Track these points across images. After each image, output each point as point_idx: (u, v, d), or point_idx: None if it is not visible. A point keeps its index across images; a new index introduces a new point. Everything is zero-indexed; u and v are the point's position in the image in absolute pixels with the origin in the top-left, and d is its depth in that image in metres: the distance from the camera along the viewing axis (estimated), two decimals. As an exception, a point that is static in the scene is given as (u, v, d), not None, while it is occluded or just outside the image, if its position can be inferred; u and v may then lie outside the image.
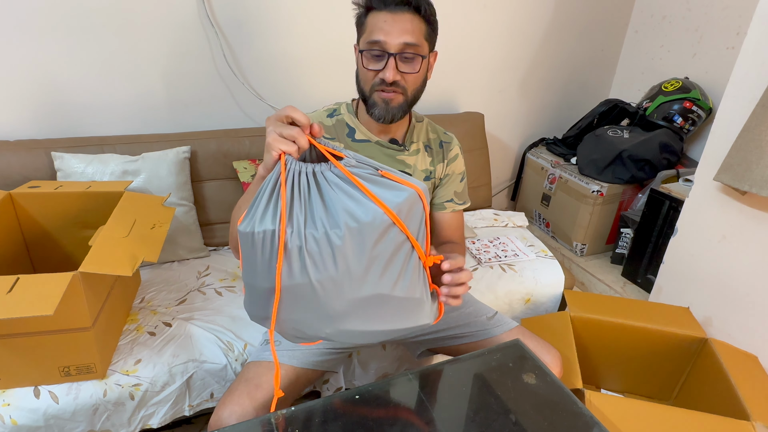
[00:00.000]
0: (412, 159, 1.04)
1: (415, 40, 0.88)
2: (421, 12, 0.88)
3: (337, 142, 1.00)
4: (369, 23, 0.89)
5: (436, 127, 1.12)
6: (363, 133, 1.01)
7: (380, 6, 0.87)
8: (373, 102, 0.93)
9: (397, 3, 0.86)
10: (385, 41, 0.87)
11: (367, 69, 0.90)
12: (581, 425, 0.73)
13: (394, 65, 0.88)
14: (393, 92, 0.91)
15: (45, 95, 1.43)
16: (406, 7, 0.87)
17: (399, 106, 0.93)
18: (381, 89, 0.91)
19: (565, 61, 2.23)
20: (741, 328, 1.34)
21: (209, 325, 1.20)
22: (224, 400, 0.87)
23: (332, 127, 1.01)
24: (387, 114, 0.94)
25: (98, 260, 0.91)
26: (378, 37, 0.87)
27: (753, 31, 1.23)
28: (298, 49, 1.68)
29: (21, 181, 1.31)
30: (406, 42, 0.87)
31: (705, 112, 1.91)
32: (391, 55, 0.88)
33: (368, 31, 0.89)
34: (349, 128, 1.01)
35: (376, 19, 0.88)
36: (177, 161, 1.45)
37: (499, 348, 0.88)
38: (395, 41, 0.87)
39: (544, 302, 1.56)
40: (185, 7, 1.48)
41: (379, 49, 0.88)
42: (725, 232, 1.36)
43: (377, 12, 0.88)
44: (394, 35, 0.86)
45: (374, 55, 0.89)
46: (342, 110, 1.04)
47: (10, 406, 0.96)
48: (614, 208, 1.95)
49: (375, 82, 0.91)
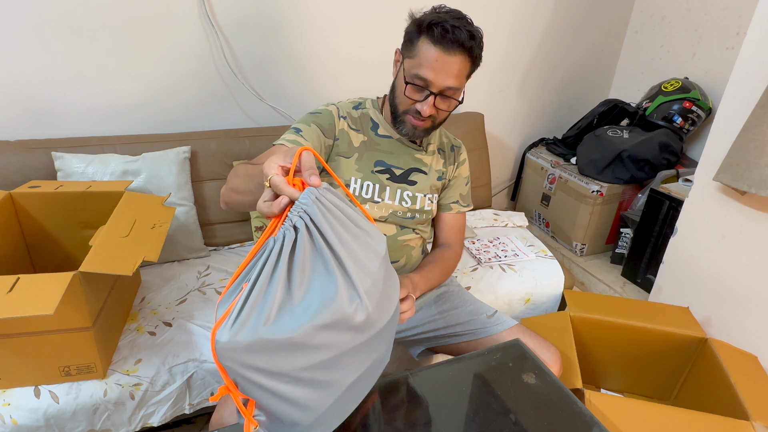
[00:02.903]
0: (429, 159, 1.09)
1: (459, 84, 0.91)
2: (472, 55, 0.91)
3: (361, 134, 1.04)
4: (421, 51, 0.90)
5: (448, 134, 1.17)
6: (386, 129, 1.06)
7: (435, 40, 0.88)
8: (402, 121, 0.99)
9: (453, 43, 0.87)
10: (432, 81, 0.90)
11: (408, 97, 0.94)
12: (581, 425, 0.73)
13: (432, 103, 0.92)
14: (424, 121, 0.96)
15: (45, 95, 1.43)
16: (460, 49, 0.88)
17: (425, 130, 1.00)
18: (414, 116, 0.96)
19: (565, 61, 2.23)
20: (741, 328, 1.34)
21: (209, 325, 1.20)
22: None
23: (358, 119, 1.05)
24: (413, 135, 1.01)
25: (98, 260, 0.91)
26: (426, 74, 0.89)
27: (753, 31, 1.23)
28: (299, 49, 1.68)
29: (21, 181, 1.31)
30: (450, 86, 0.91)
31: (705, 112, 1.91)
32: (433, 93, 0.91)
33: (417, 60, 0.90)
34: (373, 122, 1.06)
35: (428, 53, 0.88)
36: (177, 161, 1.45)
37: (498, 348, 0.88)
38: (441, 83, 0.90)
39: (544, 302, 1.56)
40: (185, 7, 1.48)
41: (423, 85, 0.91)
42: (725, 232, 1.36)
43: (431, 44, 0.88)
44: (441, 77, 0.89)
45: (417, 87, 0.92)
46: (367, 105, 1.08)
47: (11, 405, 0.96)
48: (614, 208, 1.95)
49: (410, 109, 0.96)
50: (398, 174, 1.05)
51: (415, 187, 1.06)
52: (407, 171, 1.06)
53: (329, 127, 1.00)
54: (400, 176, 1.05)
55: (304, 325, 0.45)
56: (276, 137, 1.05)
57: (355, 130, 1.03)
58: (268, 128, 1.68)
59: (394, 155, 1.05)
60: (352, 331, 0.49)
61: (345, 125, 1.02)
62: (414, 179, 1.06)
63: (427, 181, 1.08)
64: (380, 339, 0.56)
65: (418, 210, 1.07)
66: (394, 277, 0.61)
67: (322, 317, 0.46)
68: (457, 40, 0.87)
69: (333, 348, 0.48)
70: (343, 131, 1.02)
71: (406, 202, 1.05)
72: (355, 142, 1.02)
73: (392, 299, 0.58)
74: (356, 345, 0.51)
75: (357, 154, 1.02)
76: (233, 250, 1.61)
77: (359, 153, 1.02)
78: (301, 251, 0.47)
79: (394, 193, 1.04)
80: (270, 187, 0.50)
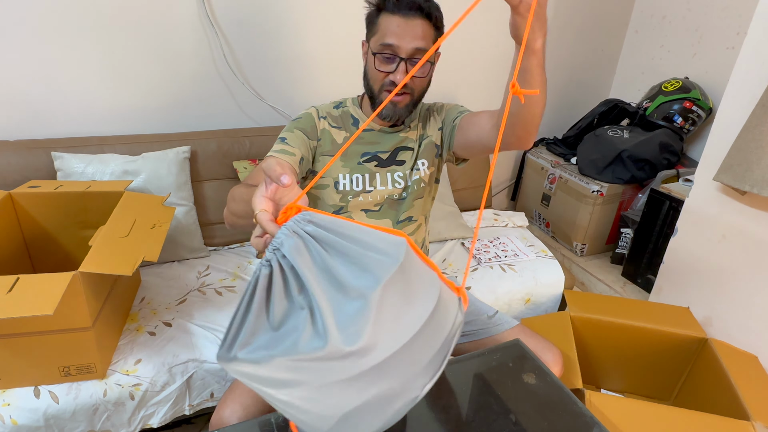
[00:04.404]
0: (413, 134, 1.07)
1: (425, 45, 0.90)
2: (431, 19, 0.91)
3: (342, 130, 1.03)
4: (381, 24, 0.91)
5: (430, 104, 1.11)
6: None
7: (393, 9, 0.89)
8: (380, 101, 0.96)
9: (410, 8, 0.88)
10: (397, 45, 0.89)
11: (378, 70, 0.93)
12: (581, 425, 0.73)
13: (404, 69, 0.91)
14: (401, 94, 0.95)
15: (45, 95, 1.43)
16: (418, 13, 0.89)
17: (406, 107, 0.98)
18: (389, 90, 0.94)
19: (566, 61, 2.23)
20: (741, 328, 1.34)
21: (209, 325, 1.20)
22: (225, 399, 0.87)
23: (339, 117, 1.05)
24: (394, 115, 0.98)
25: (98, 260, 0.91)
26: (391, 40, 0.89)
27: (753, 31, 1.23)
28: (298, 49, 1.68)
29: (21, 181, 1.31)
30: (418, 47, 0.90)
31: (705, 112, 1.91)
32: (403, 59, 0.90)
33: (380, 33, 0.91)
34: (353, 119, 1.05)
35: (389, 22, 0.90)
36: (177, 161, 1.45)
37: (499, 348, 0.88)
38: (407, 46, 0.89)
39: (544, 302, 1.56)
40: (185, 7, 1.48)
41: (391, 52, 0.91)
42: (725, 232, 1.36)
43: (390, 15, 0.90)
44: (406, 40, 0.89)
45: (386, 57, 0.91)
46: (348, 103, 1.07)
47: (11, 406, 0.96)
48: (614, 208, 1.95)
49: (385, 83, 0.94)
50: (385, 158, 1.04)
51: (404, 167, 1.05)
52: (393, 152, 1.05)
53: (311, 129, 1.01)
54: (388, 159, 1.04)
55: (274, 356, 0.45)
56: (276, 137, 1.05)
57: (336, 127, 1.03)
58: (268, 128, 1.68)
59: (379, 143, 1.04)
60: (326, 362, 0.46)
61: (326, 124, 1.03)
62: (402, 158, 1.05)
63: (413, 154, 1.06)
64: (389, 367, 0.49)
65: (409, 185, 1.05)
66: (422, 285, 0.52)
67: (288, 351, 0.45)
68: (414, 4, 0.88)
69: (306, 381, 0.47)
70: (324, 130, 1.02)
71: (398, 184, 1.04)
72: (338, 139, 1.03)
73: (414, 314, 0.50)
74: (343, 375, 0.47)
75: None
76: (233, 250, 1.61)
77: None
78: (276, 285, 0.48)
79: (385, 178, 1.04)
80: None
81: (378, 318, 0.46)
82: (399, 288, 0.48)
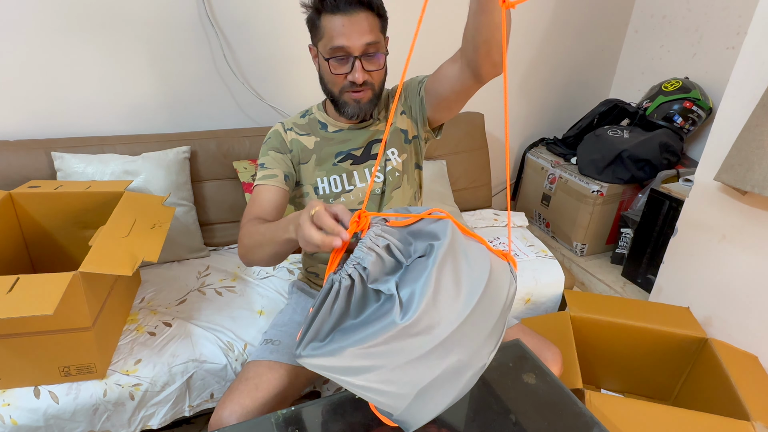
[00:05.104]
0: (382, 125, 1.06)
1: (375, 37, 0.89)
2: (373, 9, 0.89)
3: (312, 136, 1.04)
4: (325, 27, 0.89)
5: (389, 90, 1.10)
6: (335, 124, 1.04)
7: (333, 9, 0.87)
8: (344, 102, 0.96)
9: (350, 3, 0.86)
10: (348, 46, 0.88)
11: (335, 74, 0.92)
12: (581, 425, 0.73)
13: (360, 67, 0.90)
14: (363, 91, 0.94)
15: (45, 95, 1.43)
16: (359, 7, 0.87)
17: (369, 101, 0.97)
18: (351, 90, 0.94)
19: (565, 61, 2.23)
20: (741, 328, 1.34)
21: (209, 325, 1.20)
22: (224, 400, 0.87)
23: (306, 125, 1.05)
24: (360, 112, 0.97)
25: (98, 260, 0.91)
26: (340, 42, 0.88)
27: (753, 31, 1.23)
28: (298, 49, 1.68)
29: (21, 181, 1.31)
30: (368, 42, 0.89)
31: (705, 112, 1.91)
32: (356, 57, 0.90)
33: (327, 36, 0.89)
34: (321, 123, 1.05)
35: (333, 24, 0.88)
36: (177, 161, 1.45)
37: (499, 348, 0.88)
38: (357, 43, 0.88)
39: (544, 302, 1.56)
40: (185, 7, 1.48)
41: (343, 54, 0.89)
42: (725, 232, 1.36)
43: (331, 15, 0.88)
44: (355, 38, 0.88)
45: (339, 59, 0.90)
46: (313, 110, 1.08)
47: (10, 406, 0.96)
48: (614, 208, 1.95)
49: (344, 85, 0.94)
50: (359, 154, 1.03)
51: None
52: (366, 147, 1.04)
53: (281, 144, 1.02)
54: (362, 155, 1.03)
55: (345, 348, 0.52)
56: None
57: (305, 134, 1.04)
58: (268, 128, 1.67)
59: (351, 141, 1.04)
60: (395, 343, 0.51)
61: (293, 135, 1.03)
62: (376, 152, 1.04)
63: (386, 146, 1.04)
64: (455, 341, 0.54)
65: (385, 176, 1.04)
66: (474, 259, 0.57)
67: (357, 342, 0.52)
68: (354, 1, 0.86)
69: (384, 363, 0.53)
70: (293, 141, 1.03)
71: (378, 177, 1.04)
72: (309, 145, 1.03)
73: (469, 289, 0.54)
74: (413, 354, 0.53)
75: (315, 156, 1.03)
76: (233, 250, 1.61)
77: (316, 153, 1.03)
78: (357, 293, 0.54)
79: (363, 174, 1.03)
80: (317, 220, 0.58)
81: (436, 296, 0.51)
82: (451, 266, 0.53)
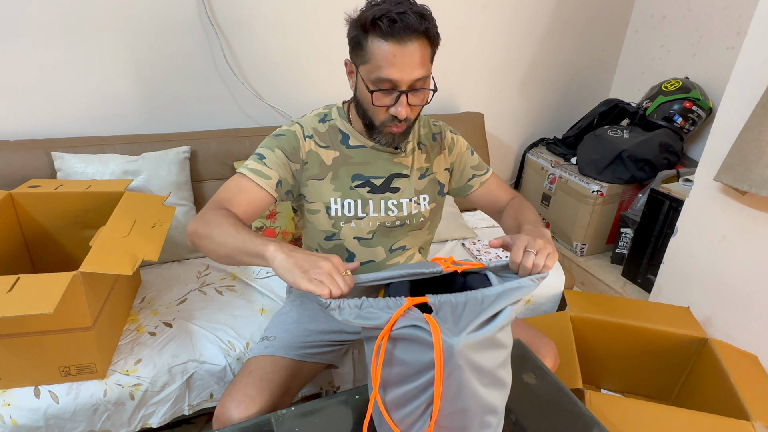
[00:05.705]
0: (408, 160, 1.00)
1: (426, 72, 0.82)
2: (429, 37, 0.81)
3: (332, 150, 0.96)
4: (373, 53, 0.80)
5: (427, 120, 1.06)
6: (357, 139, 0.96)
7: (386, 35, 0.78)
8: (379, 132, 0.90)
9: (406, 31, 0.77)
10: (397, 80, 0.80)
11: (377, 106, 0.85)
12: (581, 425, 0.73)
13: (405, 102, 0.83)
14: (401, 125, 0.88)
15: (45, 95, 1.43)
16: (414, 35, 0.78)
17: (405, 132, 0.90)
18: (392, 125, 0.87)
19: (565, 61, 2.23)
20: (741, 328, 1.34)
21: (210, 325, 1.20)
22: (229, 392, 0.87)
23: (326, 134, 0.96)
24: (393, 143, 0.91)
25: (98, 260, 0.91)
26: (388, 74, 0.80)
27: (753, 31, 1.23)
28: (298, 49, 1.68)
29: (21, 181, 1.31)
30: (418, 77, 0.81)
31: (705, 112, 1.91)
32: (404, 92, 0.82)
33: (373, 62, 0.81)
34: (342, 134, 0.97)
35: (382, 51, 0.79)
36: (177, 161, 1.45)
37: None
38: (407, 78, 0.80)
39: (544, 302, 1.56)
40: (185, 7, 1.48)
41: (389, 87, 0.82)
42: (725, 232, 1.36)
43: (381, 40, 0.79)
44: (406, 71, 0.80)
45: (384, 90, 0.82)
46: (333, 115, 0.98)
47: (11, 405, 0.96)
48: (614, 208, 1.95)
49: (386, 119, 0.87)
50: (379, 184, 0.97)
51: (398, 194, 0.98)
52: (388, 179, 0.97)
53: (293, 151, 0.92)
54: (381, 186, 0.97)
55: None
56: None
57: (324, 147, 0.95)
58: (268, 128, 1.67)
59: (371, 165, 0.97)
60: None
61: (312, 145, 0.94)
62: (396, 185, 0.98)
63: (409, 184, 0.99)
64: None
65: (406, 217, 0.99)
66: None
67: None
68: (409, 27, 0.77)
69: None
70: (311, 153, 0.94)
71: (392, 211, 0.98)
72: (327, 161, 0.95)
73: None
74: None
75: (331, 173, 0.95)
76: (233, 250, 1.60)
77: (333, 171, 0.95)
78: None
79: (378, 205, 0.97)
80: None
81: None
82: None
